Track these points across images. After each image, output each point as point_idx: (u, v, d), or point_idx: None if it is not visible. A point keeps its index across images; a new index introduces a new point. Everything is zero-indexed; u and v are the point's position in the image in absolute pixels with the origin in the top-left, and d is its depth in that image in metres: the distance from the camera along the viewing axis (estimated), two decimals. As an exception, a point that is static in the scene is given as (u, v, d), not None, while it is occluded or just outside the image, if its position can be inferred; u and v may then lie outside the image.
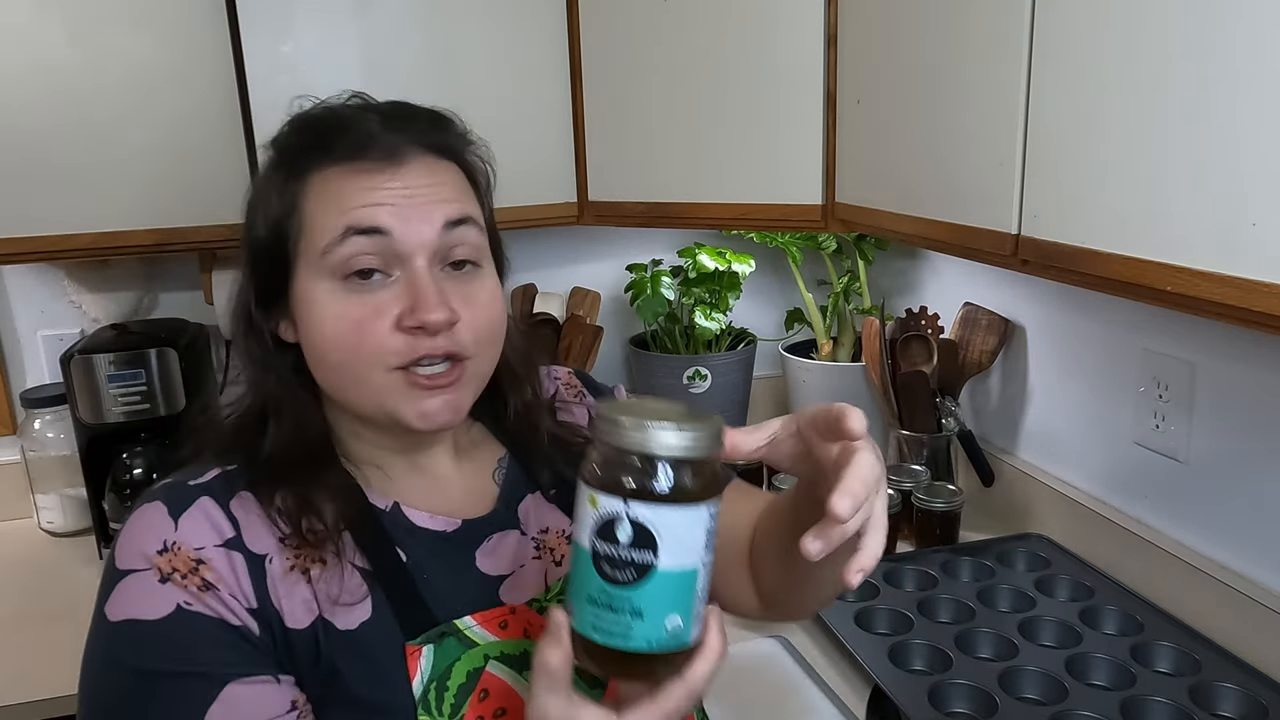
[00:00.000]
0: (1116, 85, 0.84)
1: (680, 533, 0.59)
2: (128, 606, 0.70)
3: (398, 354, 0.74)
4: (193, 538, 0.72)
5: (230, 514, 0.74)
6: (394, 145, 0.76)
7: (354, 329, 0.74)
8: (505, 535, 0.84)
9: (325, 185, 0.75)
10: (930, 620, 1.26)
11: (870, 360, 1.67)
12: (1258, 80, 0.71)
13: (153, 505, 0.74)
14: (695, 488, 0.59)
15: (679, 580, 0.59)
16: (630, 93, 1.45)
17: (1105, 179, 0.86)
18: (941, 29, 1.07)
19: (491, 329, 0.79)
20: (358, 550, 0.76)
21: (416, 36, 1.39)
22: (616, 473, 0.59)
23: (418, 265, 0.74)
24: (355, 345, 0.74)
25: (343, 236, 0.73)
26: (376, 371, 0.74)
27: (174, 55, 1.33)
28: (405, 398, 0.75)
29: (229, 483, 0.76)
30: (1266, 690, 1.08)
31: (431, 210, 0.75)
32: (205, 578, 0.71)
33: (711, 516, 0.60)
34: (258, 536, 0.74)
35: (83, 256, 1.38)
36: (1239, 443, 1.20)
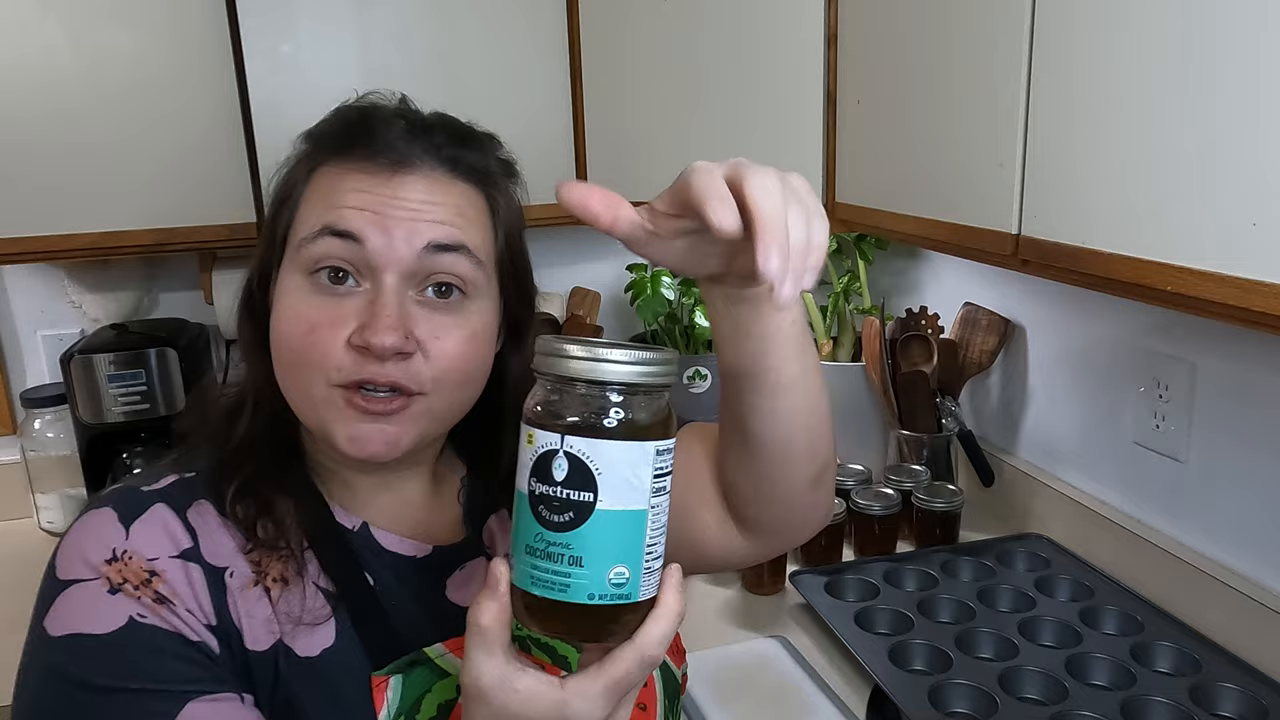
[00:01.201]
0: (1116, 85, 0.84)
1: (623, 470, 0.54)
2: (72, 619, 0.64)
3: (340, 370, 0.68)
4: (146, 547, 0.67)
5: (187, 523, 0.69)
6: (404, 153, 0.70)
7: (307, 332, 0.68)
8: (477, 564, 0.79)
9: (324, 179, 0.72)
10: (930, 620, 1.26)
11: (870, 360, 1.67)
12: (1258, 80, 0.71)
13: (100, 512, 0.69)
14: (639, 421, 0.55)
15: (623, 524, 0.54)
16: (630, 92, 1.45)
17: (1105, 179, 0.86)
18: (941, 29, 1.07)
19: (460, 368, 0.71)
20: (322, 571, 0.72)
21: (416, 36, 1.39)
22: (553, 404, 0.55)
23: (386, 282, 0.68)
24: (303, 350, 0.68)
25: (318, 234, 0.69)
26: (318, 383, 0.68)
27: (174, 55, 1.33)
28: (340, 417, 0.69)
29: (187, 490, 0.71)
30: (1266, 690, 1.08)
31: (416, 228, 0.69)
32: (159, 590, 0.65)
33: (660, 455, 0.55)
34: (217, 548, 0.69)
35: (83, 256, 1.38)
36: (1239, 443, 1.20)
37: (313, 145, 0.75)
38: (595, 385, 0.54)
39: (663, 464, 0.56)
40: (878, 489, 1.50)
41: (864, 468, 1.58)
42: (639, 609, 0.57)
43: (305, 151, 0.75)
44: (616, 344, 0.57)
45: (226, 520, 0.70)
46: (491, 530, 0.82)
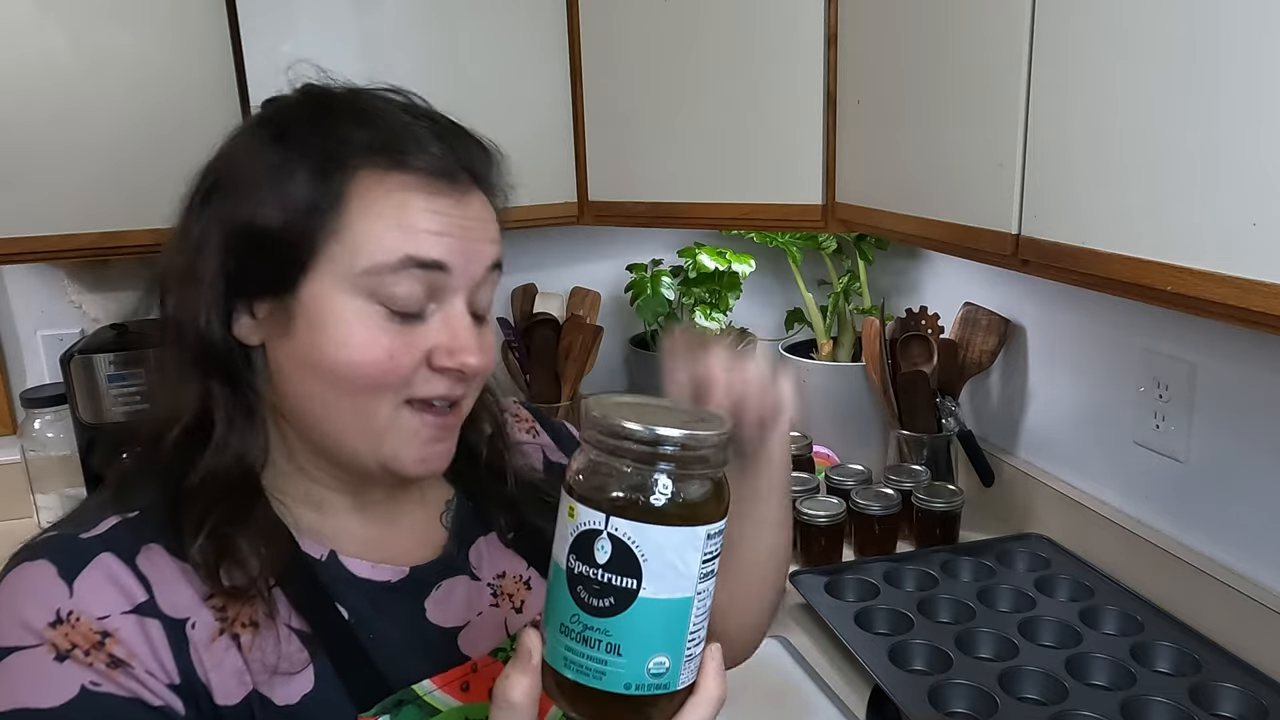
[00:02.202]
0: (1117, 85, 0.84)
1: (670, 556, 0.51)
2: (17, 693, 0.57)
3: (414, 389, 0.67)
4: (94, 604, 0.60)
5: (139, 572, 0.62)
6: (455, 168, 0.68)
7: (386, 358, 0.65)
8: (456, 581, 0.76)
9: (381, 192, 0.65)
10: (930, 620, 1.26)
11: (870, 360, 1.67)
12: (1258, 80, 0.71)
13: (35, 566, 0.61)
14: (690, 502, 0.51)
15: (666, 612, 0.51)
16: (630, 92, 1.45)
17: (1105, 179, 0.86)
18: (941, 29, 1.07)
19: (488, 375, 0.73)
20: (293, 609, 0.67)
21: (417, 36, 1.39)
22: (598, 479, 0.51)
23: (458, 303, 0.68)
24: (382, 375, 0.65)
25: (400, 264, 0.64)
26: (387, 405, 0.66)
27: (174, 55, 1.33)
28: (411, 440, 0.68)
29: (132, 533, 0.64)
30: (1266, 690, 1.08)
31: (483, 249, 0.68)
32: (113, 653, 0.59)
33: (710, 539, 0.52)
34: (175, 597, 0.63)
35: (83, 256, 1.38)
36: (1239, 443, 1.20)
37: (328, 139, 0.67)
38: (644, 461, 0.51)
39: (712, 548, 0.52)
40: (878, 489, 1.50)
41: (864, 468, 1.58)
42: (676, 698, 0.54)
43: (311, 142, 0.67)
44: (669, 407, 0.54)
45: (183, 564, 0.64)
46: (480, 553, 0.79)
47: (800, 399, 0.63)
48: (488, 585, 0.78)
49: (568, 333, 1.77)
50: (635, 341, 1.91)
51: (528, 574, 0.81)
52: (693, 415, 0.54)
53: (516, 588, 0.79)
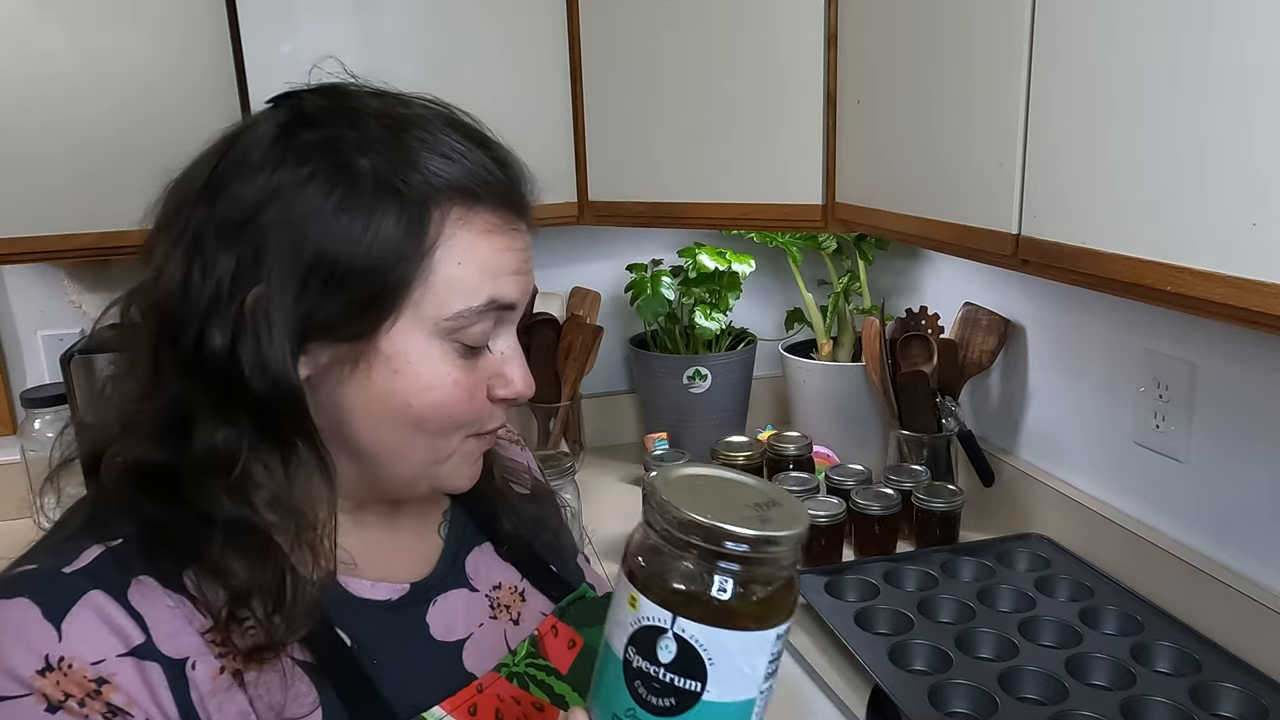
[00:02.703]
0: (1116, 85, 0.84)
1: (738, 661, 0.48)
2: None
3: (482, 422, 0.70)
4: (87, 649, 0.55)
5: (132, 610, 0.58)
6: (519, 200, 0.68)
7: (467, 398, 0.67)
8: (455, 594, 0.75)
9: (467, 235, 0.64)
10: (930, 620, 1.26)
11: (870, 360, 1.67)
12: (1258, 80, 0.71)
13: (17, 604, 0.56)
14: (763, 604, 0.48)
15: (730, 715, 0.49)
16: (631, 92, 1.45)
17: (1105, 179, 0.86)
18: (941, 29, 1.07)
19: None
20: (297, 642, 0.63)
21: (417, 36, 1.39)
22: (666, 573, 0.48)
23: (513, 336, 0.70)
24: (463, 414, 0.67)
25: (484, 309, 0.65)
26: (456, 438, 0.69)
27: (174, 55, 1.33)
28: (466, 465, 0.71)
29: (119, 564, 0.59)
30: (1266, 690, 1.08)
31: (530, 280, 0.70)
32: (111, 701, 0.55)
33: (779, 639, 0.49)
34: (174, 635, 0.58)
35: (83, 256, 1.38)
36: (1239, 443, 1.20)
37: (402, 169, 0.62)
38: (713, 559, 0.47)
39: (779, 648, 0.50)
40: (878, 489, 1.50)
41: (864, 468, 1.58)
42: None
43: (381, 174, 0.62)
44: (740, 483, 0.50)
45: (176, 597, 0.60)
46: (476, 564, 0.79)
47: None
48: (485, 596, 0.77)
49: (568, 333, 1.77)
50: (635, 341, 1.91)
51: (521, 585, 0.80)
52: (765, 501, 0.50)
53: (512, 599, 0.79)
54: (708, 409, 1.81)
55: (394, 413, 0.64)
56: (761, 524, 0.48)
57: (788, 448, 1.63)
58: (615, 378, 2.00)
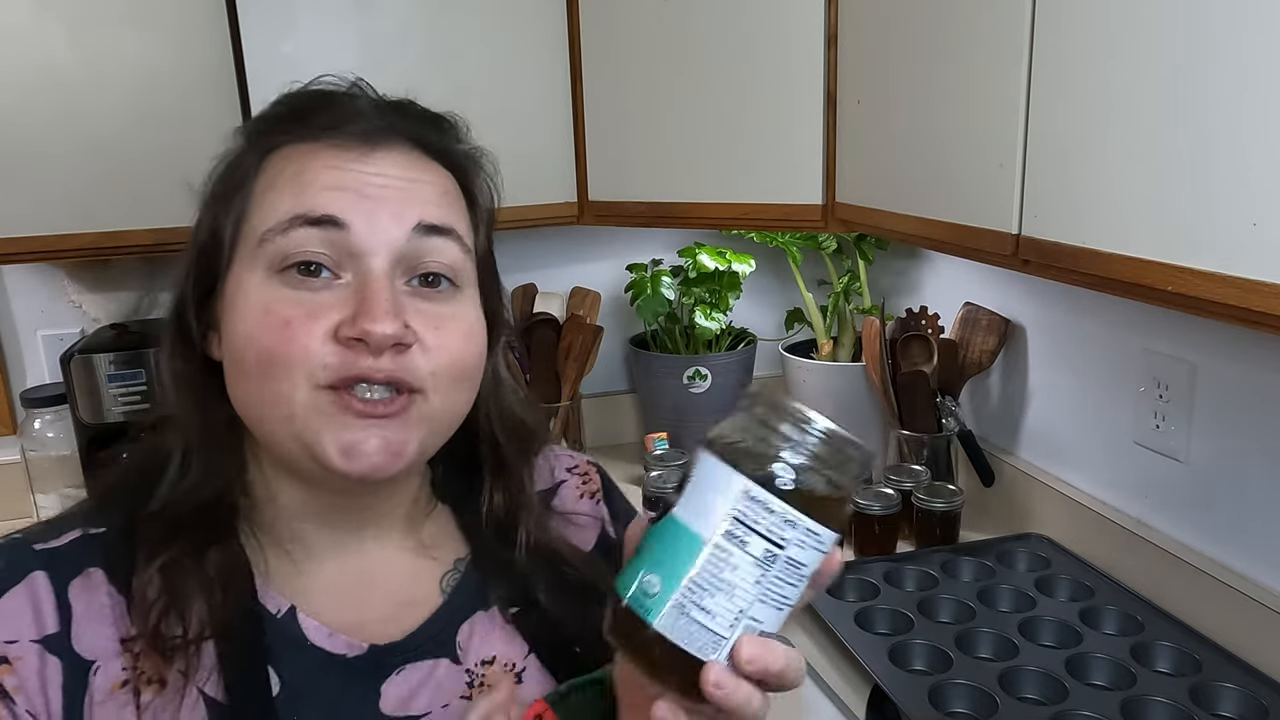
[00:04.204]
0: (1117, 85, 0.84)
1: (701, 488, 0.50)
2: None
3: (328, 369, 0.58)
4: (7, 628, 0.58)
5: (63, 600, 0.59)
6: (376, 130, 0.63)
7: (280, 328, 0.58)
8: (424, 665, 0.65)
9: (282, 162, 0.62)
10: (930, 620, 1.26)
11: (870, 360, 1.67)
12: (1258, 80, 0.71)
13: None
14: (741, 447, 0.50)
15: (678, 538, 0.50)
16: (631, 92, 1.45)
17: (1105, 179, 0.86)
18: (941, 29, 1.07)
19: (459, 363, 0.63)
20: (216, 669, 0.60)
21: (417, 36, 1.39)
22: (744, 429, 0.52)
23: (374, 267, 0.60)
24: (278, 349, 0.58)
25: (289, 224, 0.59)
26: (300, 387, 0.58)
27: (174, 55, 1.33)
28: (329, 424, 0.59)
29: (82, 553, 0.61)
30: (1266, 690, 1.08)
31: (404, 208, 0.61)
32: (3, 683, 0.57)
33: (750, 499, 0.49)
34: (91, 635, 0.59)
35: (83, 256, 1.39)
36: (1239, 443, 1.20)
37: (258, 131, 0.66)
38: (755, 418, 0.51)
39: (751, 512, 0.49)
40: (878, 489, 1.50)
41: (864, 468, 1.58)
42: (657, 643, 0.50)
43: (251, 137, 0.66)
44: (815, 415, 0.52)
45: (116, 598, 0.60)
46: (472, 630, 0.68)
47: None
48: (467, 671, 0.67)
49: (568, 333, 1.77)
50: (635, 341, 1.91)
51: (523, 662, 0.69)
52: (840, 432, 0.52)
53: (501, 679, 0.68)
54: (708, 409, 1.80)
55: (230, 358, 0.62)
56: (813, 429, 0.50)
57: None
58: (615, 378, 2.00)
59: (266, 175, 0.63)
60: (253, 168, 0.64)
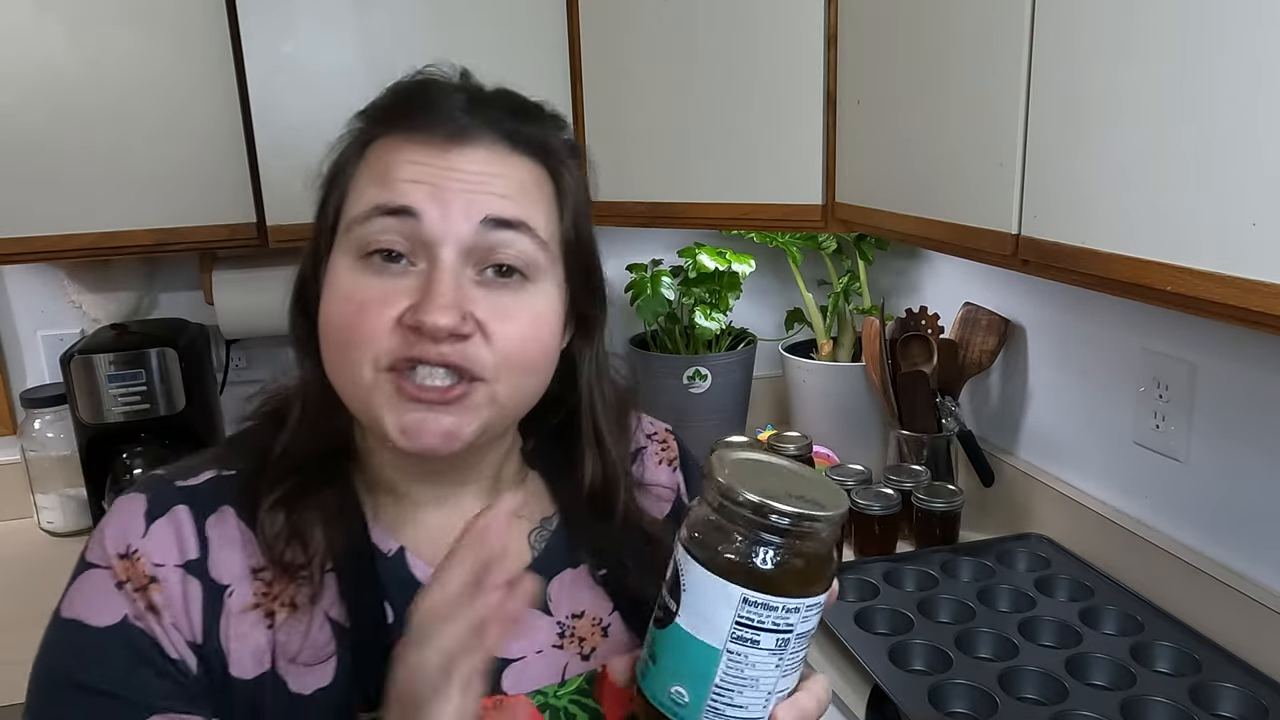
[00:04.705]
0: (1116, 85, 0.84)
1: (699, 598, 0.52)
2: (78, 605, 0.65)
3: (389, 352, 0.63)
4: (155, 552, 0.65)
5: (202, 532, 0.67)
6: (463, 125, 0.66)
7: (356, 312, 0.64)
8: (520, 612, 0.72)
9: (377, 154, 0.67)
10: (930, 620, 1.26)
11: (870, 360, 1.67)
12: (1258, 80, 0.71)
13: (135, 499, 0.68)
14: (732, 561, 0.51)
15: (694, 650, 0.52)
16: (630, 93, 1.45)
17: (1105, 179, 0.86)
18: (942, 29, 1.07)
19: (523, 353, 0.66)
20: (338, 598, 0.67)
21: (417, 36, 1.39)
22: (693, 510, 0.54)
23: (442, 258, 0.64)
24: (351, 331, 0.64)
25: (370, 213, 0.65)
26: (366, 367, 0.64)
27: (174, 55, 1.33)
28: (390, 405, 0.64)
29: (217, 491, 0.69)
30: (1266, 690, 1.08)
31: (474, 201, 0.65)
32: (153, 599, 0.64)
33: (749, 605, 0.51)
34: (226, 563, 0.66)
35: (83, 256, 1.38)
36: (1239, 443, 1.20)
37: (365, 121, 0.71)
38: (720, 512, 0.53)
39: (756, 617, 0.51)
40: (878, 489, 1.50)
41: (864, 468, 1.58)
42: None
43: (358, 129, 0.71)
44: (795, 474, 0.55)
45: (248, 533, 0.67)
46: (561, 586, 0.74)
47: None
48: (557, 623, 0.73)
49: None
50: (635, 341, 1.91)
51: (609, 619, 0.75)
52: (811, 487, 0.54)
53: (591, 631, 0.73)
54: (708, 409, 1.81)
55: (321, 335, 0.68)
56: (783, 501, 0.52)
57: (788, 448, 1.63)
58: (615, 378, 2.00)
59: (363, 166, 0.68)
60: (355, 157, 0.69)
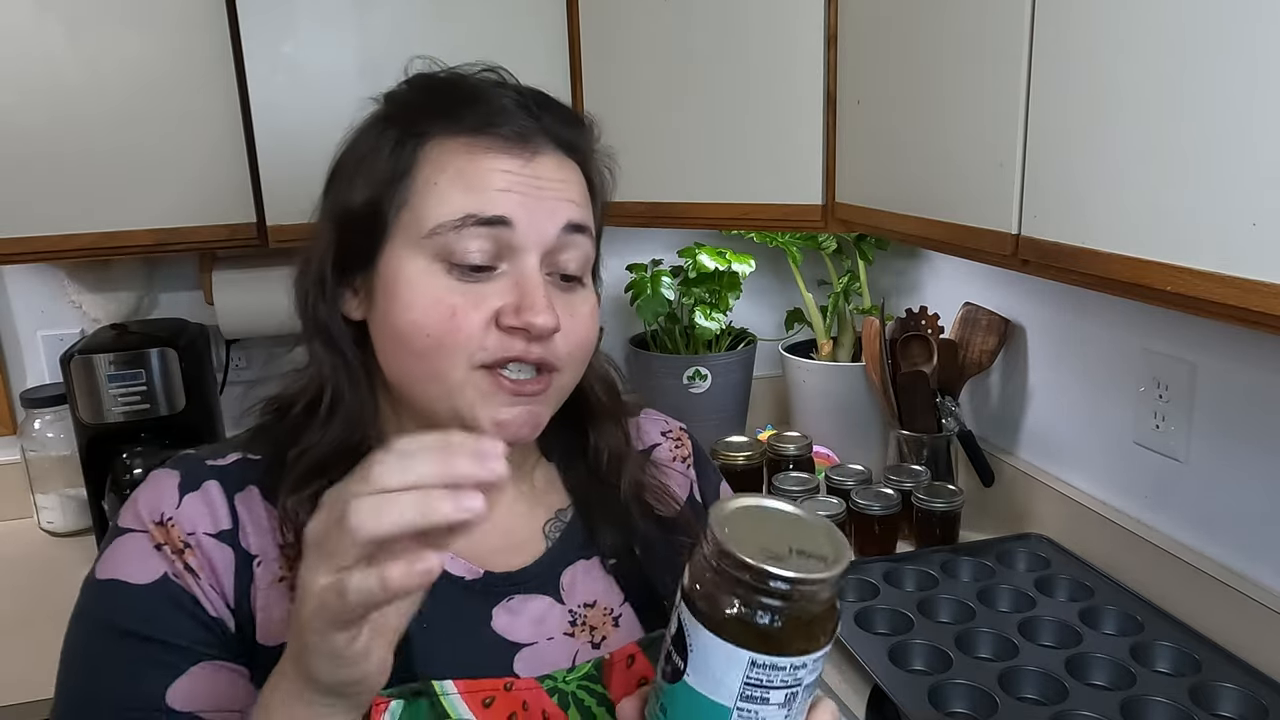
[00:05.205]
0: (1116, 85, 0.84)
1: (706, 659, 0.52)
2: (117, 566, 0.68)
3: (486, 350, 0.67)
4: (188, 520, 0.69)
5: (233, 507, 0.70)
6: (528, 130, 0.69)
7: (448, 316, 0.66)
8: (533, 599, 0.74)
9: (445, 156, 0.68)
10: (930, 620, 1.26)
11: (870, 360, 1.67)
12: (1258, 79, 0.71)
13: (168, 474, 0.71)
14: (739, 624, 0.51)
15: (704, 708, 0.53)
16: (630, 92, 1.45)
17: (1105, 179, 0.86)
18: (941, 29, 1.07)
19: (586, 345, 0.72)
20: None
21: (416, 36, 1.39)
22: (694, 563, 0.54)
23: (530, 262, 0.68)
24: (445, 333, 0.66)
25: (461, 222, 0.66)
26: (459, 367, 0.67)
27: (174, 55, 1.33)
28: (484, 400, 0.68)
29: (243, 472, 0.72)
30: (1266, 690, 1.08)
31: (557, 207, 0.69)
32: (189, 562, 0.67)
33: (757, 667, 0.52)
34: (255, 536, 0.69)
35: (83, 256, 1.38)
36: (1239, 443, 1.20)
37: (410, 114, 0.71)
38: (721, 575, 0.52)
39: (766, 677, 0.52)
40: (878, 489, 1.50)
41: (864, 468, 1.58)
42: None
43: (396, 119, 0.71)
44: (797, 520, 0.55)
45: (273, 511, 0.70)
46: (575, 576, 0.76)
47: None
48: (570, 611, 0.75)
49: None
50: (635, 341, 1.91)
51: (620, 609, 0.76)
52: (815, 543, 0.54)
53: (602, 620, 0.75)
54: (708, 409, 1.81)
55: (392, 335, 0.69)
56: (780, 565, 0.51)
57: (788, 448, 1.63)
58: (615, 378, 2.00)
59: (428, 168, 0.69)
60: (409, 155, 0.69)
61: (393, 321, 0.69)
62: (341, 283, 0.72)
